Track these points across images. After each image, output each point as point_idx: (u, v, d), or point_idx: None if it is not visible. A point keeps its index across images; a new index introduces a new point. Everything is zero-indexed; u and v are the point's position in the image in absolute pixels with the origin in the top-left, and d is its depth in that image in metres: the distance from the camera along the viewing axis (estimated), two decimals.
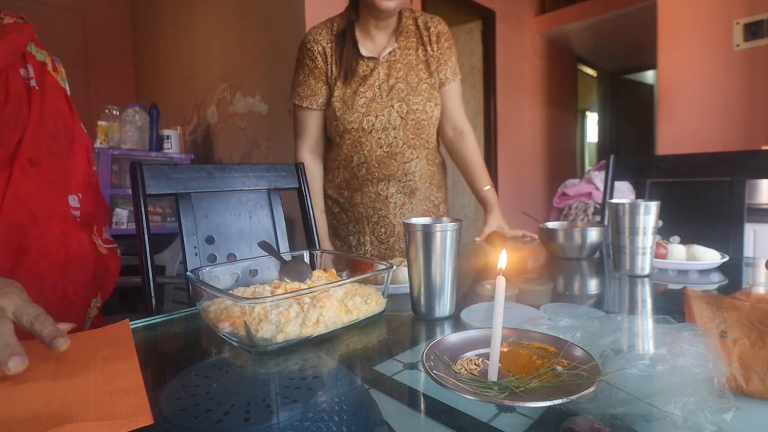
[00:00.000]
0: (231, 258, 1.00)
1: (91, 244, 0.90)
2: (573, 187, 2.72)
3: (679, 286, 0.83)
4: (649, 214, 0.83)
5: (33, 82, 0.83)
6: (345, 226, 1.25)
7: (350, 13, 1.15)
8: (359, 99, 1.14)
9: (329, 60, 1.14)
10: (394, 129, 1.16)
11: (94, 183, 0.92)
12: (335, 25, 1.15)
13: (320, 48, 1.14)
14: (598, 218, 2.44)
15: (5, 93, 0.79)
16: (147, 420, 0.38)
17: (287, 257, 0.77)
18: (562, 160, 4.63)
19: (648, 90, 5.80)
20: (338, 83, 1.14)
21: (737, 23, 2.29)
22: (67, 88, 0.92)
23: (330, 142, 1.21)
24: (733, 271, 0.94)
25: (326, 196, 1.27)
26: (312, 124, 1.20)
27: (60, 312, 0.82)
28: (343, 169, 1.21)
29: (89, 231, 0.90)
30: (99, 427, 0.36)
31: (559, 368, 0.42)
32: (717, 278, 0.87)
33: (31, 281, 0.79)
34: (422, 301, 0.64)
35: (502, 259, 0.45)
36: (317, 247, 1.15)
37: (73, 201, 0.87)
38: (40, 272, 0.80)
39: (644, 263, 0.84)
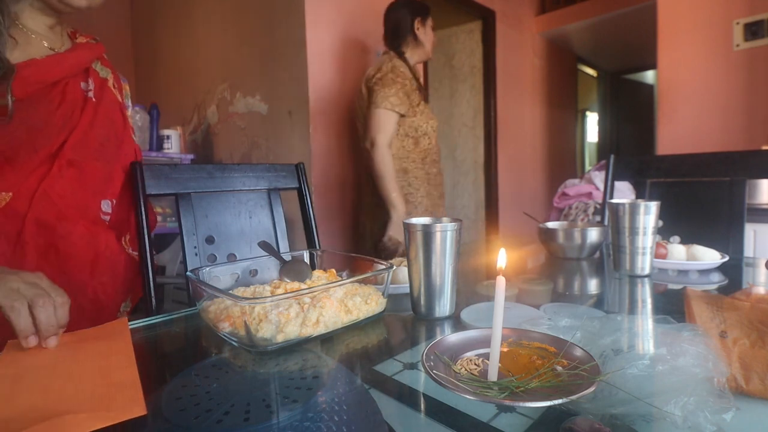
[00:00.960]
0: (231, 258, 1.00)
1: (120, 246, 0.90)
2: (573, 187, 2.72)
3: (679, 286, 0.83)
4: (649, 214, 0.83)
5: (91, 94, 0.85)
6: (423, 197, 1.79)
7: (402, 53, 1.76)
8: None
9: (409, 82, 1.70)
10: (436, 131, 1.84)
11: (130, 191, 0.94)
12: (399, 60, 1.73)
13: (407, 73, 1.70)
14: (598, 218, 2.44)
15: (60, 98, 0.81)
16: (140, 411, 0.39)
17: (287, 257, 0.77)
18: (562, 160, 4.63)
19: (648, 90, 5.80)
20: (420, 98, 1.74)
21: (737, 23, 2.29)
22: (129, 104, 0.96)
23: (421, 137, 1.76)
24: (733, 271, 0.94)
25: (414, 177, 1.78)
26: (395, 124, 1.68)
27: (91, 315, 0.83)
28: (434, 153, 1.82)
29: (118, 235, 0.91)
30: (94, 419, 0.37)
31: (559, 368, 0.42)
32: (717, 278, 0.87)
33: (60, 282, 0.79)
34: (422, 301, 0.64)
35: (501, 257, 0.45)
36: (317, 247, 1.15)
37: (106, 206, 0.88)
38: (69, 271, 0.80)
39: (644, 263, 0.84)
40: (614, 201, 0.87)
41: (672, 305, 0.70)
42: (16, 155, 0.76)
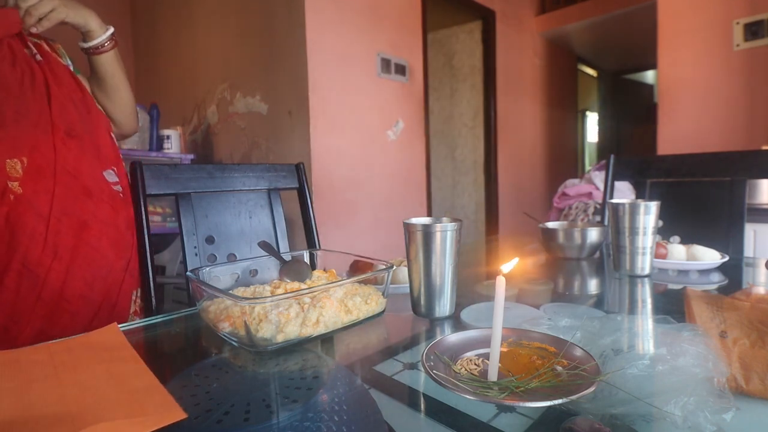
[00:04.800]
0: (231, 258, 1.00)
1: (133, 225, 0.87)
2: (573, 187, 2.72)
3: (679, 286, 0.83)
4: (649, 214, 0.83)
5: (38, 57, 0.82)
6: None
7: None
8: None
9: None
10: None
11: (122, 158, 0.90)
12: None
13: None
14: (598, 218, 2.44)
15: (12, 55, 0.76)
16: (180, 414, 0.37)
17: (287, 257, 0.77)
18: (562, 160, 4.63)
19: (648, 90, 5.80)
20: None
21: (737, 23, 2.28)
22: (69, 63, 0.90)
23: None
24: (733, 271, 0.94)
25: None
26: None
27: (109, 304, 0.79)
28: None
29: (131, 209, 0.87)
30: (134, 424, 0.36)
31: (559, 368, 0.42)
32: (717, 278, 0.87)
33: (94, 260, 0.77)
34: (422, 301, 0.64)
35: (510, 265, 0.45)
36: (317, 247, 1.15)
37: (110, 176, 0.84)
38: (102, 250, 0.78)
39: (644, 263, 0.84)
40: (614, 201, 0.87)
41: (672, 305, 0.70)
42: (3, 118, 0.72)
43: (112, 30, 0.91)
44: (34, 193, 0.73)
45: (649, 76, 5.84)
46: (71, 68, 0.90)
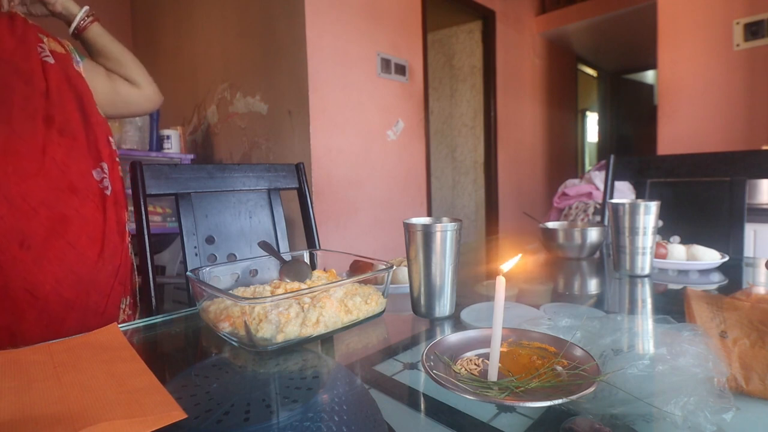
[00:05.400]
0: (231, 258, 1.00)
1: (125, 230, 0.86)
2: (573, 187, 2.72)
3: (679, 286, 0.83)
4: (649, 214, 0.83)
5: (50, 59, 0.82)
6: None
7: None
8: None
9: None
10: None
11: (117, 161, 0.89)
12: None
13: None
14: (598, 218, 2.44)
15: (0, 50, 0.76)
16: (180, 414, 0.37)
17: (287, 257, 0.77)
18: (562, 160, 4.63)
19: (648, 90, 5.80)
20: None
21: (737, 23, 2.28)
22: (76, 54, 0.91)
23: None
24: (733, 271, 0.94)
25: None
26: None
27: (92, 308, 0.78)
28: None
29: (123, 213, 0.86)
30: (133, 424, 0.36)
31: (559, 368, 0.42)
32: (717, 278, 0.87)
33: (70, 256, 0.75)
34: (422, 301, 0.64)
35: (511, 263, 0.45)
36: (317, 247, 1.15)
37: (98, 174, 0.83)
38: (80, 247, 0.76)
39: (644, 263, 0.84)
40: (614, 201, 0.87)
41: (672, 305, 0.70)
42: None
43: (87, 7, 0.95)
44: (4, 174, 0.71)
45: (649, 76, 5.84)
46: (80, 62, 0.91)
